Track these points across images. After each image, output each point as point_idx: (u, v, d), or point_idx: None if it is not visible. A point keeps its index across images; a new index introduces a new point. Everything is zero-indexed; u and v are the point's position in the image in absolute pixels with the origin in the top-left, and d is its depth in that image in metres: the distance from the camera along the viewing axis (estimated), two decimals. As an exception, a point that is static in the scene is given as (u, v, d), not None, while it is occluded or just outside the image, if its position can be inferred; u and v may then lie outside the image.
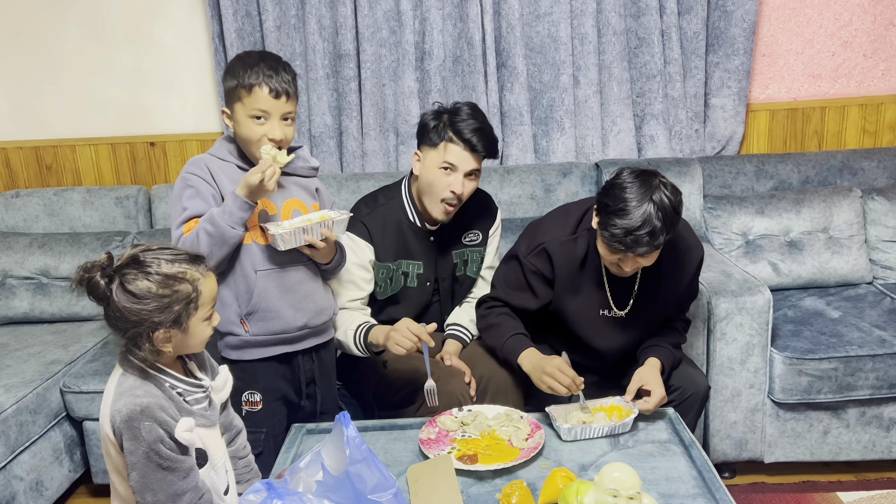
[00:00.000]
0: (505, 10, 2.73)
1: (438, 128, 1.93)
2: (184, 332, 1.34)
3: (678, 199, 1.69)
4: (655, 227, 1.64)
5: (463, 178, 1.94)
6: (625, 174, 1.71)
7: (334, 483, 1.28)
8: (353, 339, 1.94)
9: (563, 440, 1.69)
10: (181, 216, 1.72)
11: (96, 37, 2.91)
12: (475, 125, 1.92)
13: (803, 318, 2.40)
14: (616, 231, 1.66)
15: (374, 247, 2.00)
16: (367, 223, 2.00)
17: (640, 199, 1.65)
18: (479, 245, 2.14)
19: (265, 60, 1.73)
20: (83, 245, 2.71)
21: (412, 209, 2.04)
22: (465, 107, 1.96)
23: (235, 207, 1.66)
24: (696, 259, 1.93)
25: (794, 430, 2.30)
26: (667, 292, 1.92)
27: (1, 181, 3.06)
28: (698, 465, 1.58)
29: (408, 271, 2.03)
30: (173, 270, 1.31)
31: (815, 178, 2.77)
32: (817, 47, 2.91)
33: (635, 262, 1.74)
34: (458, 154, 1.92)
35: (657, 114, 2.85)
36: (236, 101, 1.72)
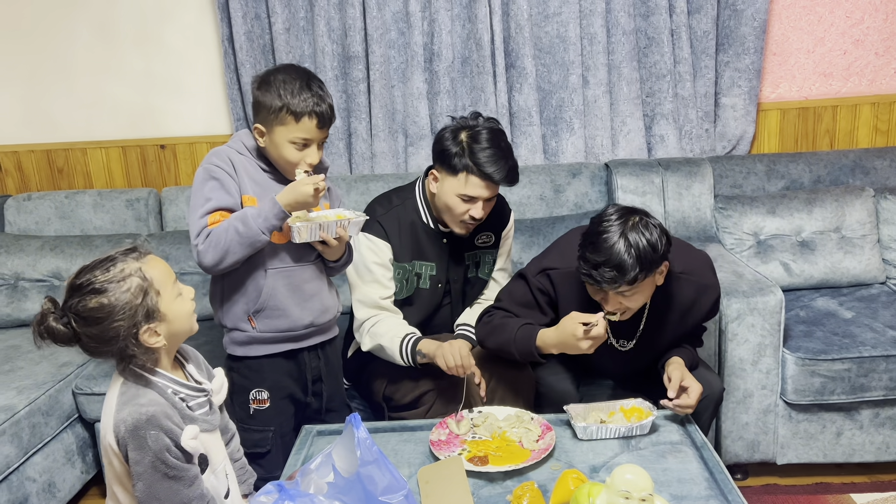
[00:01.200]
0: (514, 11, 2.73)
1: (459, 155, 1.86)
2: (163, 320, 1.32)
3: (658, 238, 1.67)
4: (624, 262, 1.63)
5: (482, 203, 1.91)
6: (610, 209, 1.73)
7: (345, 484, 1.28)
8: (399, 347, 1.92)
9: (580, 439, 1.69)
10: (204, 206, 1.71)
11: (107, 40, 2.93)
12: (495, 155, 1.85)
13: (816, 318, 2.39)
14: (584, 264, 1.69)
15: (391, 245, 1.99)
16: (384, 223, 1.98)
17: (615, 234, 1.66)
18: (491, 247, 2.12)
19: (311, 86, 1.70)
20: (94, 247, 2.73)
21: (426, 211, 2.01)
22: (484, 131, 1.88)
23: (272, 214, 1.67)
24: (711, 300, 1.90)
25: (806, 431, 2.28)
26: (673, 329, 1.90)
27: (13, 184, 3.08)
28: (710, 467, 1.57)
29: (421, 273, 2.02)
30: (111, 274, 1.29)
31: (826, 177, 2.75)
32: (829, 45, 2.89)
33: (617, 302, 1.73)
34: (478, 187, 1.87)
35: (667, 113, 2.84)
36: (278, 124, 1.69)
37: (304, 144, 1.71)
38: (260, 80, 1.72)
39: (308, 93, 1.68)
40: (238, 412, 1.87)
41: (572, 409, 1.74)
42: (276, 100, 1.68)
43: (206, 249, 1.68)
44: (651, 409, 1.72)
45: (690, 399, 1.73)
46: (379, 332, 1.94)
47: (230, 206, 1.72)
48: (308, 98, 1.68)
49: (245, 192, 1.74)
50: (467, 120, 1.92)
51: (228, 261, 1.70)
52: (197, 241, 1.70)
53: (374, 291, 1.96)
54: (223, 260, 1.69)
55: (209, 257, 1.69)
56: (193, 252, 1.72)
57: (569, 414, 1.73)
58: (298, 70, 1.73)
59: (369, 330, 1.95)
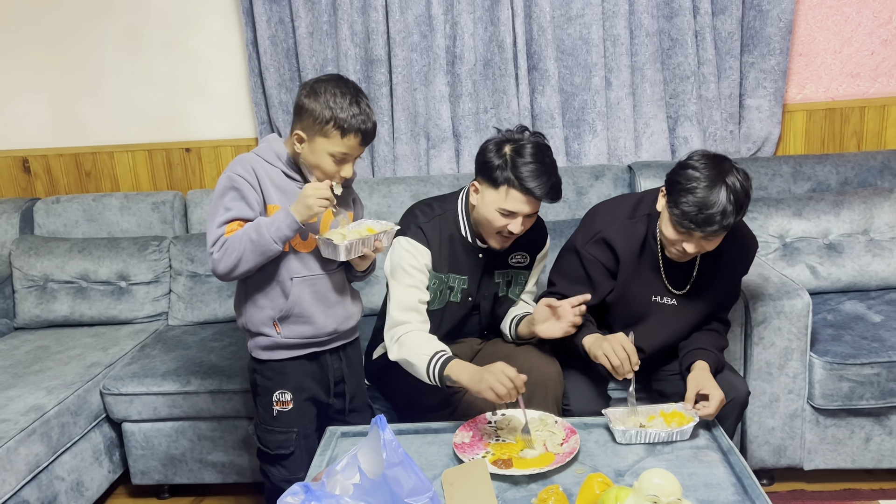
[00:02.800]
0: (536, 13, 2.72)
1: (501, 168, 1.81)
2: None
3: (749, 183, 1.70)
4: (727, 207, 1.65)
5: (522, 219, 1.86)
6: (696, 156, 1.73)
7: (371, 486, 1.29)
8: (426, 367, 1.79)
9: (618, 443, 1.68)
10: (223, 216, 1.72)
11: (133, 46, 2.97)
12: (539, 170, 1.80)
13: (844, 322, 2.35)
14: (688, 209, 1.67)
15: (430, 252, 1.94)
16: (425, 230, 1.94)
17: (714, 179, 1.66)
18: (525, 268, 2.06)
19: (360, 103, 1.69)
20: (121, 249, 2.77)
21: (465, 224, 1.96)
22: (529, 145, 1.82)
23: (285, 225, 1.67)
24: (753, 250, 1.93)
25: (834, 436, 2.25)
26: (723, 280, 1.91)
27: (42, 187, 3.13)
28: (737, 472, 1.55)
29: (453, 286, 1.99)
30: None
31: (854, 179, 2.72)
32: (856, 46, 2.85)
33: (699, 244, 1.74)
34: (518, 202, 1.82)
35: (691, 115, 2.82)
36: (322, 136, 1.69)
37: (342, 159, 1.71)
38: (309, 87, 1.71)
39: (357, 108, 1.68)
40: (262, 414, 1.89)
41: (611, 412, 1.73)
42: (325, 111, 1.66)
43: (220, 258, 1.70)
44: (693, 415, 1.70)
45: (710, 409, 1.71)
46: (407, 343, 1.86)
47: (249, 217, 1.72)
48: (357, 115, 1.67)
49: (271, 202, 1.74)
50: (513, 133, 1.87)
51: (241, 269, 1.71)
52: (212, 249, 1.71)
53: (413, 294, 1.91)
54: (236, 268, 1.70)
55: (222, 265, 1.70)
56: (208, 261, 1.74)
57: (607, 418, 1.71)
58: (348, 83, 1.72)
59: (399, 338, 1.89)
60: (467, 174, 2.80)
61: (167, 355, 2.44)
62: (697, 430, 1.71)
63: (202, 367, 2.34)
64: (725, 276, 1.91)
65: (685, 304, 1.92)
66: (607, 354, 1.78)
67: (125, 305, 2.75)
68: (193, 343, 2.53)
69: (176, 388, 2.29)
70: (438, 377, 1.77)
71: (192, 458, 2.37)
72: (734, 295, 2.01)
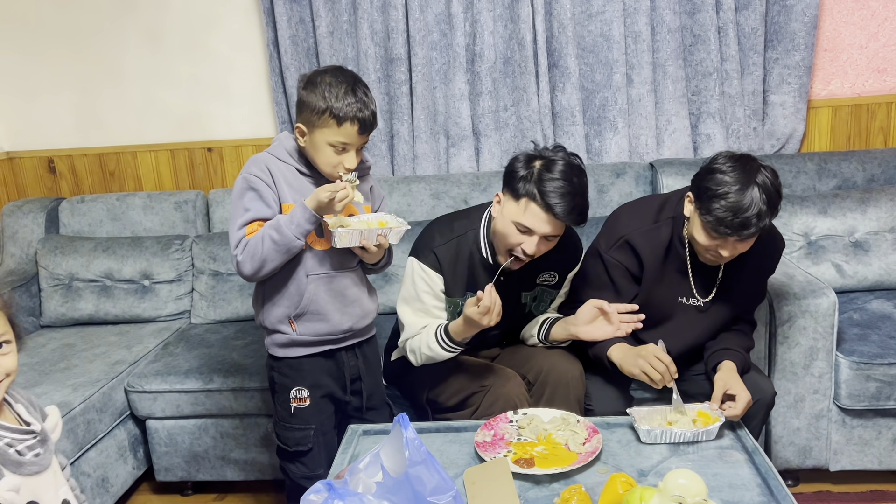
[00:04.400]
0: (556, 10, 2.71)
1: (525, 179, 1.73)
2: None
3: (779, 181, 1.68)
4: (762, 209, 1.63)
5: (539, 239, 1.76)
6: (721, 159, 1.71)
7: (394, 484, 1.29)
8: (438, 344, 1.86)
9: (643, 442, 1.67)
10: (243, 217, 1.74)
11: (156, 47, 3.00)
12: (564, 188, 1.70)
13: (870, 321, 2.31)
14: (722, 214, 1.64)
15: (444, 278, 1.90)
16: (439, 254, 1.88)
17: (745, 181, 1.64)
18: (554, 286, 1.99)
19: (356, 91, 1.68)
20: (144, 248, 2.80)
21: (486, 244, 1.90)
22: (560, 162, 1.73)
23: (303, 219, 1.68)
24: (780, 250, 1.91)
25: (861, 437, 2.21)
26: (750, 281, 1.89)
27: (67, 187, 3.17)
28: (762, 472, 1.53)
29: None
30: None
31: (881, 176, 2.67)
32: (882, 41, 2.81)
33: (734, 248, 1.72)
34: (537, 217, 1.73)
35: (714, 112, 2.79)
36: (319, 126, 1.69)
37: (342, 148, 1.71)
38: (307, 79, 1.72)
39: (352, 97, 1.67)
40: (280, 411, 1.90)
41: (635, 411, 1.71)
42: (320, 101, 1.67)
43: (245, 260, 1.71)
44: (718, 415, 1.68)
45: (736, 410, 1.69)
46: (416, 345, 1.91)
47: (268, 216, 1.74)
48: (352, 103, 1.67)
49: (285, 201, 1.76)
50: (548, 150, 1.79)
51: (267, 268, 1.72)
52: (236, 252, 1.73)
53: (419, 321, 1.91)
54: (262, 268, 1.72)
55: (248, 267, 1.72)
56: (233, 263, 1.75)
57: (632, 417, 1.70)
58: (345, 73, 1.73)
59: (410, 348, 1.93)
60: (487, 172, 2.80)
61: (190, 353, 2.47)
62: (722, 430, 1.70)
63: (224, 365, 2.36)
64: (753, 276, 1.89)
65: (712, 307, 1.90)
66: (645, 370, 1.77)
67: (148, 304, 2.77)
68: (216, 341, 2.55)
69: (199, 386, 2.31)
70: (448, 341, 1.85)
71: (214, 456, 2.39)
72: (761, 295, 1.98)
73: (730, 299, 1.89)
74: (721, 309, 1.90)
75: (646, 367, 1.77)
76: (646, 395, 2.11)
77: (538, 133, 2.81)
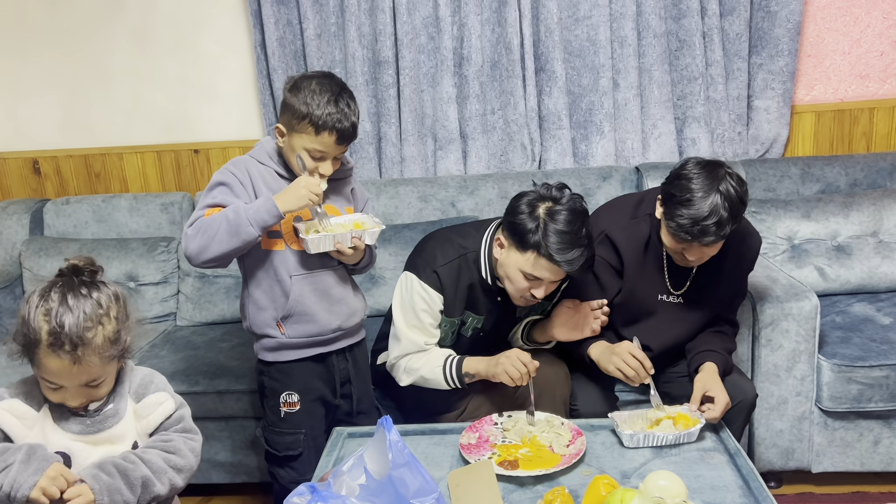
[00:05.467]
0: (543, 15, 2.72)
1: (532, 232, 1.71)
2: (39, 369, 1.32)
3: (744, 189, 1.70)
4: (722, 217, 1.65)
5: (547, 284, 1.78)
6: (690, 165, 1.73)
7: (377, 487, 1.29)
8: (443, 373, 1.86)
9: (626, 446, 1.68)
10: (208, 202, 1.73)
11: (143, 48, 2.99)
12: (570, 241, 1.70)
13: (852, 324, 2.34)
14: (683, 221, 1.68)
15: (444, 298, 1.89)
16: (441, 274, 1.86)
17: (707, 189, 1.66)
18: (547, 298, 1.97)
19: (339, 101, 1.67)
20: (130, 250, 2.78)
21: (486, 267, 1.88)
22: (564, 212, 1.71)
23: (264, 210, 1.66)
24: (756, 246, 1.93)
25: (843, 439, 2.24)
26: (726, 278, 1.91)
27: (52, 188, 3.15)
28: (744, 474, 1.55)
29: (466, 321, 1.96)
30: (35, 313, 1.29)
31: (863, 180, 2.70)
32: (865, 47, 2.84)
33: (700, 252, 1.75)
34: (544, 269, 1.74)
35: (699, 116, 2.81)
36: (298, 131, 1.69)
37: (319, 157, 1.71)
38: (293, 82, 1.72)
39: (334, 107, 1.66)
40: (269, 416, 1.90)
41: (617, 416, 1.73)
42: (301, 106, 1.67)
43: (194, 235, 1.68)
44: (698, 417, 1.70)
45: (715, 412, 1.71)
46: (415, 367, 1.89)
47: None
48: (333, 113, 1.66)
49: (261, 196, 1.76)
50: (551, 189, 1.76)
51: (213, 251, 1.67)
52: (188, 229, 1.70)
53: (418, 338, 1.90)
54: (206, 248, 1.67)
55: (194, 243, 1.68)
56: (182, 241, 1.71)
57: (614, 421, 1.71)
58: (332, 81, 1.72)
59: (405, 367, 1.91)
60: (474, 175, 2.80)
61: (175, 355, 2.46)
62: (704, 432, 1.71)
63: (210, 368, 2.35)
64: (729, 272, 1.91)
65: (691, 302, 1.92)
66: (620, 368, 1.79)
67: (136, 305, 2.76)
68: (202, 343, 2.54)
69: (184, 389, 2.30)
70: (457, 376, 1.85)
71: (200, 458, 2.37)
72: (741, 293, 2.00)
73: (708, 295, 1.92)
74: (700, 305, 1.93)
75: (620, 365, 1.79)
76: (630, 396, 2.13)
77: (525, 137, 2.83)
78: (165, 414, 1.47)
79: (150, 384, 1.48)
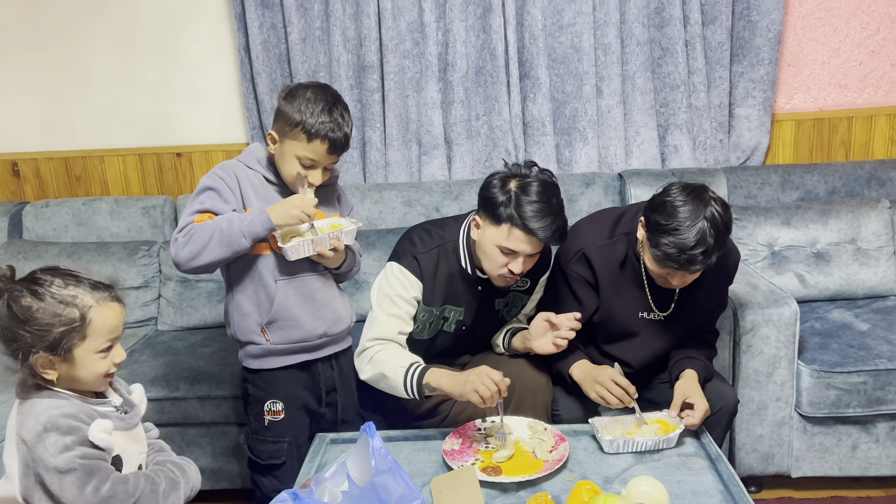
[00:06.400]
0: (528, 22, 2.74)
1: (504, 205, 1.73)
2: (67, 361, 1.28)
3: (728, 214, 1.68)
4: (709, 245, 1.63)
5: (524, 258, 1.78)
6: (674, 190, 1.69)
7: (359, 493, 1.29)
8: (403, 379, 1.77)
9: (606, 452, 1.68)
10: (196, 206, 1.72)
11: (124, 49, 2.96)
12: (543, 210, 1.72)
13: (831, 330, 2.37)
14: (670, 251, 1.65)
15: (423, 286, 1.88)
16: (421, 261, 1.87)
17: (694, 217, 1.63)
18: (526, 291, 2.01)
19: (333, 111, 1.69)
20: (111, 254, 2.76)
21: (465, 256, 1.90)
22: (535, 183, 1.74)
23: (258, 223, 1.67)
24: (735, 261, 1.93)
25: (822, 444, 2.26)
26: (707, 294, 1.91)
27: (31, 191, 3.12)
28: (725, 480, 1.56)
29: (448, 317, 1.95)
30: (63, 293, 1.27)
31: (842, 188, 2.74)
32: (844, 57, 2.88)
33: (683, 278, 1.74)
34: (520, 241, 1.74)
35: (681, 124, 2.84)
36: (291, 138, 1.69)
37: (310, 165, 1.71)
38: (288, 90, 1.73)
39: (328, 116, 1.68)
40: (253, 424, 1.88)
41: (597, 421, 1.73)
42: (295, 114, 1.68)
43: (185, 242, 1.68)
44: (677, 423, 1.71)
45: (694, 418, 1.72)
46: (381, 360, 1.83)
47: (222, 212, 1.72)
48: (326, 122, 1.67)
49: (249, 205, 1.75)
50: (520, 168, 1.80)
51: (204, 259, 1.68)
52: (178, 235, 1.70)
53: (393, 325, 1.86)
54: (198, 256, 1.67)
55: (185, 251, 1.68)
56: (171, 247, 1.71)
57: (594, 427, 1.72)
58: (328, 92, 1.73)
59: (372, 358, 1.85)
60: (459, 181, 2.81)
61: (156, 360, 2.43)
62: (685, 437, 1.72)
63: (191, 373, 2.33)
64: (710, 288, 1.91)
65: (672, 319, 1.93)
66: (603, 396, 1.79)
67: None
68: (182, 348, 2.52)
69: (164, 394, 2.28)
70: (417, 387, 1.74)
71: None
72: (722, 304, 2.02)
73: (689, 312, 1.92)
74: (681, 321, 1.93)
75: (602, 393, 1.79)
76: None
77: (509, 142, 2.84)
78: (145, 404, 1.48)
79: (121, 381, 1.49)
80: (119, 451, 1.35)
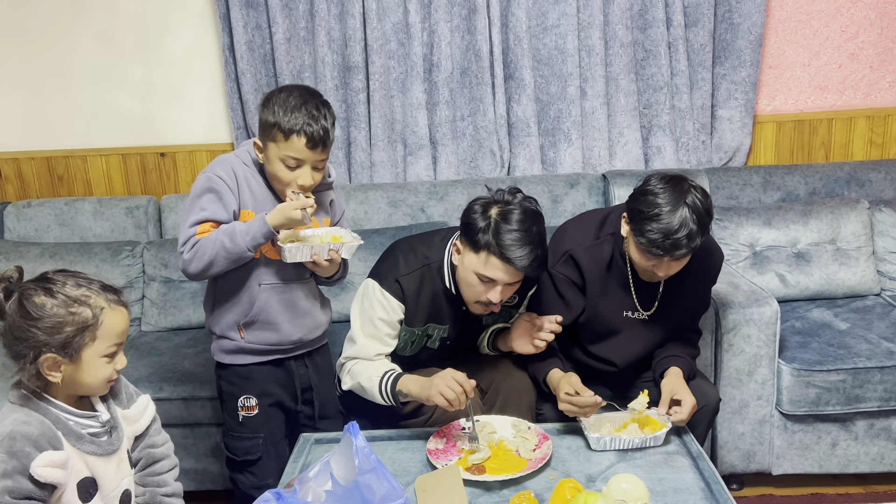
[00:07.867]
0: (513, 23, 2.75)
1: (483, 231, 1.69)
2: (74, 362, 1.29)
3: (709, 201, 1.72)
4: (692, 229, 1.66)
5: (502, 287, 1.74)
6: (654, 181, 1.73)
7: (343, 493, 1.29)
8: (378, 388, 1.79)
9: (593, 450, 1.70)
10: (197, 215, 1.72)
11: (108, 49, 2.95)
12: (523, 240, 1.67)
13: (811, 329, 2.40)
14: (654, 236, 1.67)
15: (406, 308, 1.86)
16: (404, 284, 1.84)
17: (675, 203, 1.67)
18: (514, 306, 1.98)
19: (308, 105, 1.67)
20: (94, 255, 2.74)
21: (450, 277, 1.86)
22: (516, 210, 1.69)
23: (259, 233, 1.68)
24: (718, 261, 1.96)
25: (802, 441, 2.29)
26: (691, 293, 1.94)
27: (13, 191, 3.09)
28: (706, 477, 1.58)
29: (432, 334, 1.93)
30: (77, 293, 1.28)
31: (822, 189, 2.78)
32: (824, 59, 2.92)
33: (669, 267, 1.76)
34: (497, 269, 1.70)
35: (664, 125, 2.86)
36: (270, 141, 1.69)
37: (296, 165, 1.70)
38: (265, 98, 1.73)
39: (301, 112, 1.66)
40: (228, 420, 1.88)
41: (584, 419, 1.75)
42: (270, 116, 1.68)
43: (192, 259, 1.70)
44: (665, 421, 1.72)
45: (682, 414, 1.74)
46: (358, 372, 1.84)
47: (223, 220, 1.72)
48: (300, 117, 1.65)
49: (245, 207, 1.75)
50: (503, 194, 1.75)
51: (212, 272, 1.72)
52: (183, 248, 1.71)
53: (372, 346, 1.85)
54: (207, 270, 1.71)
55: (193, 266, 1.71)
56: (179, 260, 1.73)
57: (581, 424, 1.73)
58: (301, 89, 1.72)
59: (349, 370, 1.87)
60: (444, 181, 2.82)
61: (140, 361, 2.42)
62: (669, 436, 1.74)
63: (175, 374, 2.32)
64: (693, 288, 1.94)
65: (656, 319, 1.95)
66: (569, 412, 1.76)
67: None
68: (166, 349, 2.51)
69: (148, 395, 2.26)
70: (392, 395, 1.77)
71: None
72: (705, 304, 2.04)
73: (673, 312, 1.94)
74: (665, 321, 1.95)
75: (565, 409, 1.76)
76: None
77: (494, 143, 2.85)
78: (151, 416, 1.51)
79: (128, 386, 1.51)
80: (92, 474, 1.33)
